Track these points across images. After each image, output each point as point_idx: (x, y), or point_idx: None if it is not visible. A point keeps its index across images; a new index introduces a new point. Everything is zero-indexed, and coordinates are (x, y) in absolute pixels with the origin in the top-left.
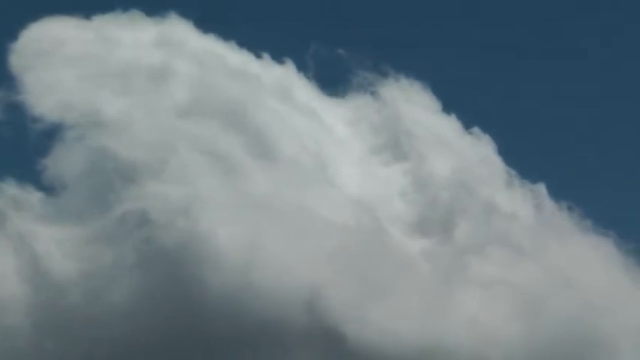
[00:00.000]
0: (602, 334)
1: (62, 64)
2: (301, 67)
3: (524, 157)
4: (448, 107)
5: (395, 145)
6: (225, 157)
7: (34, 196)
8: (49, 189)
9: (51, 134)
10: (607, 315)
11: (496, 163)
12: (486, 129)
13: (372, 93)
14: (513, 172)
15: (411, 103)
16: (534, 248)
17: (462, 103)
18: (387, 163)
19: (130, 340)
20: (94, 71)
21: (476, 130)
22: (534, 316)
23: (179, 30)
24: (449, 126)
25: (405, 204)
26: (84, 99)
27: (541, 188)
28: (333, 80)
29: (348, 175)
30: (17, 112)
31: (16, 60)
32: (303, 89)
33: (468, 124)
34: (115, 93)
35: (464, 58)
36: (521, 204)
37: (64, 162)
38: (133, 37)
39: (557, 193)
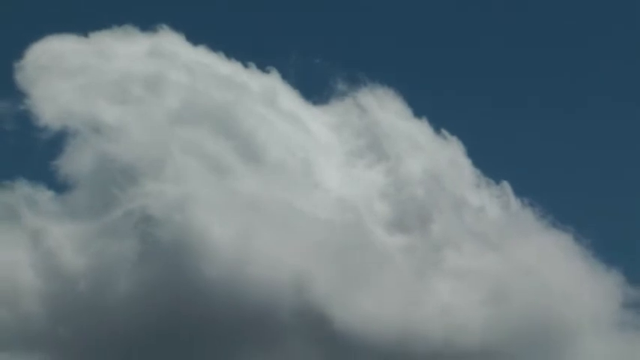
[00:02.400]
0: (562, 320)
1: (64, 77)
2: (285, 76)
3: (489, 157)
4: (419, 112)
5: (374, 148)
6: (217, 160)
7: (45, 195)
8: (58, 189)
9: (56, 140)
10: (567, 302)
11: (465, 163)
12: (454, 131)
13: (352, 100)
14: (480, 171)
15: (386, 109)
16: (501, 242)
17: (431, 108)
18: (366, 165)
19: (133, 326)
20: (92, 82)
21: (444, 132)
22: (501, 303)
23: (171, 42)
24: (421, 129)
25: (384, 202)
26: (85, 108)
27: (506, 187)
28: (314, 88)
29: (331, 176)
30: (25, 121)
31: (22, 76)
32: (287, 96)
33: (437, 127)
34: (113, 101)
35: (431, 68)
36: (488, 201)
37: (71, 164)
38: (128, 50)
39: (522, 191)
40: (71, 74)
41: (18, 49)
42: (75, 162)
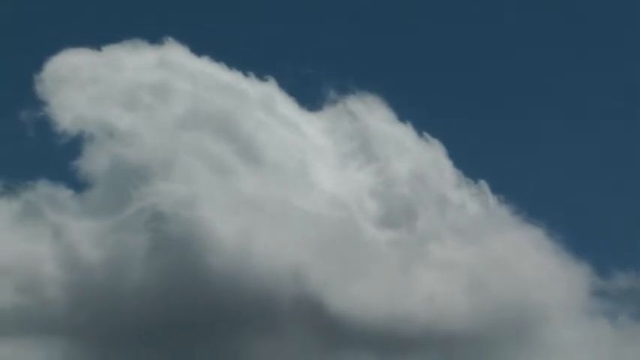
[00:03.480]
0: (535, 306)
1: (79, 87)
2: (282, 85)
3: (468, 159)
4: (403, 117)
5: (364, 150)
6: (220, 161)
7: (64, 194)
8: (77, 188)
9: (74, 144)
10: (539, 291)
11: (446, 164)
12: (435, 134)
13: (343, 107)
14: (460, 172)
15: (374, 115)
16: (480, 236)
17: (414, 113)
18: (357, 166)
19: (145, 312)
20: (106, 91)
21: (426, 135)
22: (480, 292)
23: (176, 54)
24: (406, 133)
25: (373, 200)
26: (99, 114)
27: (484, 185)
28: (309, 96)
29: (325, 176)
30: (45, 127)
31: (42, 86)
32: (284, 103)
33: (420, 130)
34: (125, 108)
35: (414, 76)
36: (468, 199)
37: (88, 166)
38: (137, 61)
39: (498, 189)
40: (86, 84)
41: (37, 62)
42: (91, 164)
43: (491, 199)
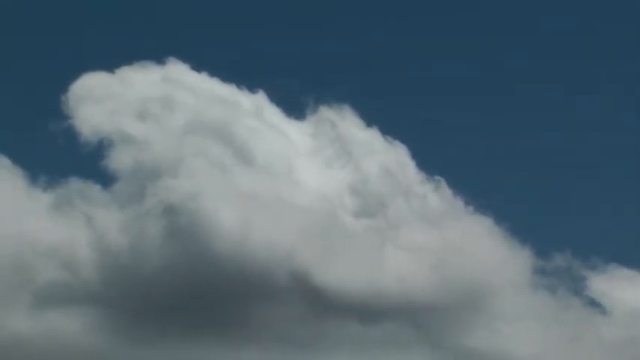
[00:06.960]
0: (488, 282)
1: (98, 102)
2: (270, 96)
3: (428, 158)
4: (370, 123)
5: (341, 152)
6: (219, 162)
7: (93, 189)
8: (103, 184)
9: (97, 149)
10: (490, 270)
11: (409, 163)
12: (396, 137)
13: (321, 115)
14: (421, 169)
15: (346, 121)
16: (440, 223)
17: (380, 119)
18: (337, 166)
19: (163, 289)
20: (120, 106)
21: (389, 138)
22: (441, 270)
23: (178, 71)
24: (374, 137)
25: (351, 194)
26: (115, 125)
27: (441, 181)
28: (293, 105)
29: (309, 174)
30: (71, 135)
31: (68, 102)
32: (272, 112)
33: (384, 134)
34: (137, 119)
35: (379, 88)
36: (429, 192)
37: (112, 166)
38: (146, 79)
39: (453, 184)
40: (104, 100)
41: (64, 85)
42: (113, 164)
43: (448, 193)
